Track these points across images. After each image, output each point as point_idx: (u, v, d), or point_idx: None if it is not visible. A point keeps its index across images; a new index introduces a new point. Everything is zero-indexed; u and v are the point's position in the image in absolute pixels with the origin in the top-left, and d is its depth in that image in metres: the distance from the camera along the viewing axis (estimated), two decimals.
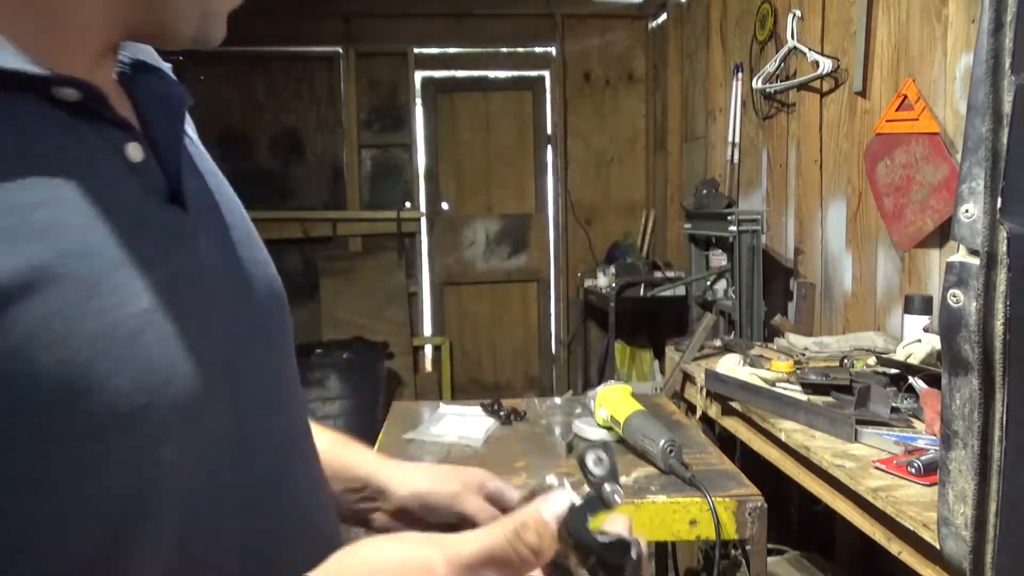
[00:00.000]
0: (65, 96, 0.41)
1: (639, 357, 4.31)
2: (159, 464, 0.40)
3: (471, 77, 4.68)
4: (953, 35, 1.98)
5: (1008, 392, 0.57)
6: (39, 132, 0.40)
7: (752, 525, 1.22)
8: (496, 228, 4.75)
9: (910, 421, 1.49)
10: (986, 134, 0.57)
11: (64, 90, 0.41)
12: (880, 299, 2.34)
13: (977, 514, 0.60)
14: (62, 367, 0.37)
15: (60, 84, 0.41)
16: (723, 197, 3.29)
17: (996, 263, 0.57)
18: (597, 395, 1.53)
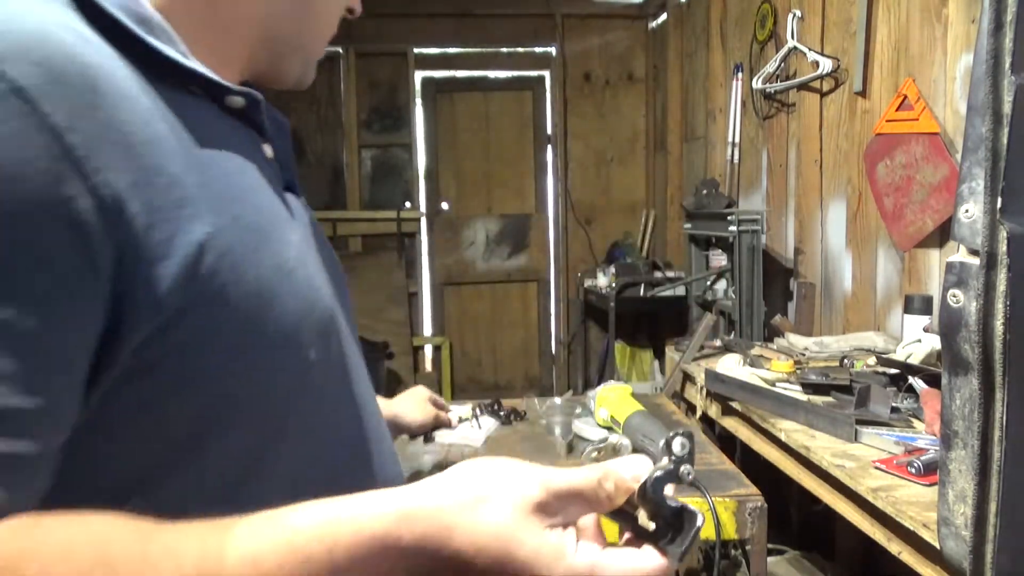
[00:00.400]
0: (233, 103, 0.57)
1: (639, 357, 4.31)
2: (308, 366, 0.56)
3: (471, 77, 4.69)
4: (953, 35, 1.98)
5: (1008, 392, 0.57)
6: (219, 126, 0.56)
7: (752, 525, 1.22)
8: (496, 228, 4.75)
9: (910, 421, 1.49)
10: (986, 134, 0.57)
11: (235, 98, 0.57)
12: (880, 299, 2.34)
13: (977, 514, 0.60)
14: (257, 283, 0.51)
15: (233, 93, 0.57)
16: (723, 197, 3.29)
17: (996, 263, 0.57)
18: (597, 395, 1.53)
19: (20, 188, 0.41)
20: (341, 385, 0.63)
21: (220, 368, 0.50)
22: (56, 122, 0.42)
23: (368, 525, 0.44)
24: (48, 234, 0.42)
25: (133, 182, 0.45)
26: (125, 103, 0.47)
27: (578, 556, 0.45)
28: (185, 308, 0.47)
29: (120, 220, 0.44)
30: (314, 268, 0.60)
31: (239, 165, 0.55)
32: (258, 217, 0.54)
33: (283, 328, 0.53)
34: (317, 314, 0.57)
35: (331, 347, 0.60)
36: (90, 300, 0.44)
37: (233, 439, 0.52)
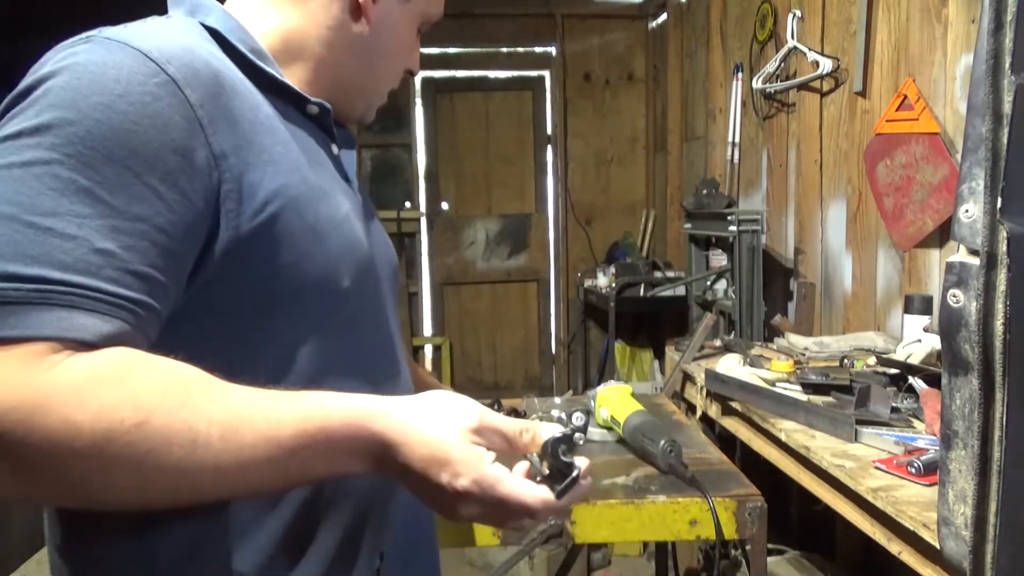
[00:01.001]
0: (311, 110, 0.80)
1: (639, 357, 4.31)
2: (345, 290, 0.75)
3: (471, 77, 4.68)
4: (953, 35, 1.98)
5: (1008, 392, 0.57)
6: (301, 123, 0.79)
7: (752, 525, 1.22)
8: (496, 228, 4.75)
9: (910, 421, 1.49)
10: (986, 134, 0.57)
11: (312, 106, 0.80)
12: (880, 299, 2.34)
13: (977, 514, 0.60)
14: (314, 224, 0.72)
15: (310, 103, 0.80)
16: (723, 197, 3.29)
17: (996, 263, 0.57)
18: (597, 395, 1.53)
19: (169, 135, 0.63)
20: (371, 315, 0.82)
21: (282, 272, 0.70)
22: (193, 101, 0.65)
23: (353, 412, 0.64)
24: (180, 164, 0.63)
25: (236, 145, 0.67)
26: (237, 96, 0.70)
27: (493, 468, 0.66)
28: (262, 227, 0.68)
29: (224, 165, 0.66)
30: (359, 230, 0.80)
31: (309, 148, 0.78)
32: (320, 182, 0.75)
33: (328, 258, 0.73)
34: (356, 256, 0.77)
35: (366, 284, 0.80)
36: (199, 212, 0.64)
37: (282, 329, 0.71)
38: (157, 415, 0.56)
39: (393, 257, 0.94)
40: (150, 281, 0.61)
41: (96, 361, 0.56)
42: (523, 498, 0.66)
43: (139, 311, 0.60)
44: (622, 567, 3.23)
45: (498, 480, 0.65)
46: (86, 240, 0.58)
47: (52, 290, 0.56)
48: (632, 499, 1.23)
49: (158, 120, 0.62)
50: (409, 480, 0.66)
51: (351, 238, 0.77)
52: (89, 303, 0.57)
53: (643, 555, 3.27)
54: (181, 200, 0.63)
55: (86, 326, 0.57)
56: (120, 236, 0.59)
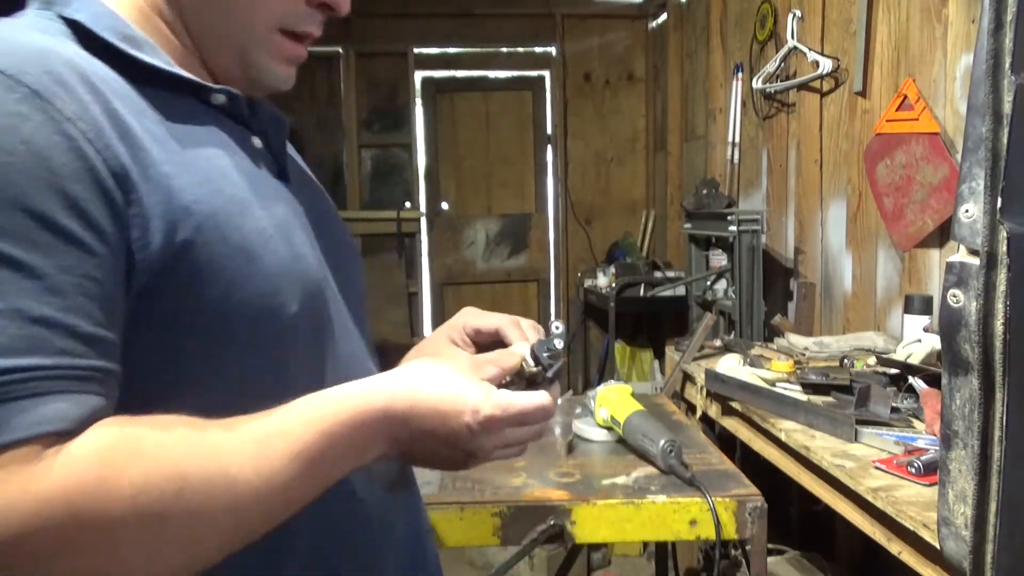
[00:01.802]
0: (216, 100, 0.67)
1: (639, 357, 4.31)
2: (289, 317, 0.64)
3: (471, 77, 4.68)
4: (953, 35, 1.98)
5: (1008, 392, 0.57)
6: (204, 119, 0.66)
7: (752, 525, 1.22)
8: (496, 228, 4.75)
9: (910, 421, 1.49)
10: (986, 134, 0.57)
11: (217, 95, 0.67)
12: (880, 299, 2.34)
13: (977, 514, 0.60)
14: (241, 243, 0.61)
15: (216, 92, 0.67)
16: (723, 197, 3.29)
17: (996, 263, 0.57)
18: (597, 395, 1.53)
19: (56, 159, 0.52)
20: (324, 341, 0.71)
21: (210, 308, 0.59)
22: (68, 114, 0.53)
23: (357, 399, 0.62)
24: (81, 192, 0.53)
25: (132, 157, 0.56)
26: (118, 102, 0.58)
27: (499, 394, 0.66)
28: (174, 263, 0.57)
29: (128, 183, 0.55)
30: (300, 239, 0.69)
31: (221, 149, 0.65)
32: (238, 191, 0.64)
33: (265, 282, 0.62)
34: (299, 272, 0.66)
35: (317, 303, 0.69)
36: (120, 249, 0.55)
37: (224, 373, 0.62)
38: (192, 474, 0.52)
39: (354, 258, 0.85)
40: (101, 341, 0.53)
41: (96, 443, 0.50)
42: (537, 400, 0.67)
43: (102, 377, 0.53)
44: (622, 567, 3.23)
45: (512, 397, 0.66)
46: (17, 312, 0.49)
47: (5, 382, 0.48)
48: (632, 499, 1.23)
49: (35, 144, 0.51)
50: (426, 445, 0.65)
51: (289, 252, 0.66)
52: (50, 384, 0.49)
53: (643, 555, 3.27)
54: (98, 235, 0.53)
55: (59, 414, 0.50)
56: (52, 298, 0.50)
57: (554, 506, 1.22)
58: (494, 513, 1.22)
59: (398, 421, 0.63)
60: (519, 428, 0.68)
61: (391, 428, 0.63)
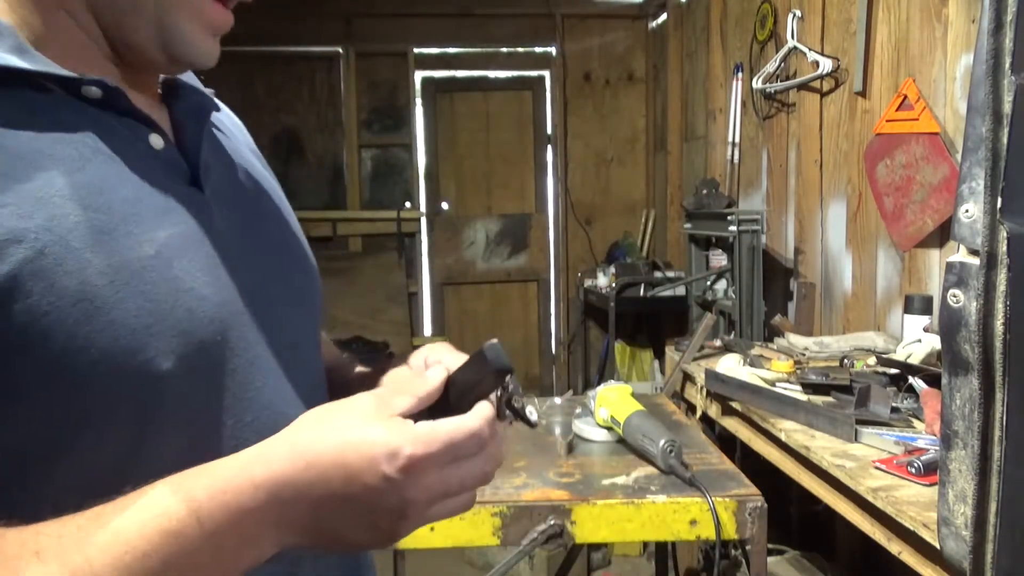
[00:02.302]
0: (91, 94, 0.53)
1: (639, 357, 4.31)
2: (160, 375, 0.50)
3: (471, 77, 4.68)
4: (953, 35, 1.97)
5: (1008, 392, 0.57)
6: (66, 121, 0.51)
7: (752, 525, 1.22)
8: (496, 228, 4.75)
9: (910, 421, 1.49)
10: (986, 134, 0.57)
11: (90, 88, 0.52)
12: (880, 299, 2.34)
13: (977, 514, 0.60)
14: (80, 289, 0.47)
15: (86, 84, 0.52)
16: (723, 197, 3.29)
17: (996, 263, 0.57)
18: (597, 395, 1.53)
19: None
20: (221, 401, 0.56)
21: (39, 395, 0.46)
22: None
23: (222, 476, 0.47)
24: None
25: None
26: None
27: (419, 427, 0.50)
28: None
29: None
30: (193, 270, 0.54)
31: (80, 161, 0.51)
32: (91, 215, 0.49)
33: (117, 339, 0.48)
34: (174, 322, 0.51)
35: (208, 357, 0.54)
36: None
37: (83, 454, 0.49)
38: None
39: (304, 275, 0.68)
40: None
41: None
42: (466, 424, 0.52)
43: None
44: (622, 567, 3.23)
45: (432, 427, 0.51)
46: None
47: None
48: (632, 499, 1.23)
49: None
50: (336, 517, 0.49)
51: (167, 290, 0.51)
52: None
53: (643, 555, 3.27)
54: None
55: None
56: None
57: (554, 506, 1.22)
58: (494, 513, 1.22)
59: (288, 494, 0.47)
60: (455, 466, 0.51)
61: (280, 508, 0.47)
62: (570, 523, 1.22)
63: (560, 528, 1.21)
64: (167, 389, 0.51)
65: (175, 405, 0.52)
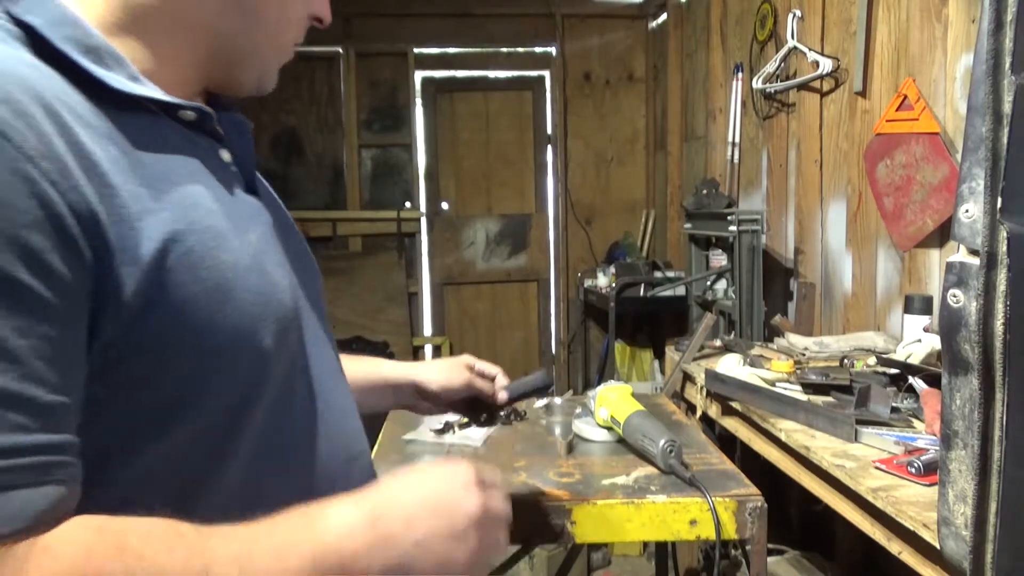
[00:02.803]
0: (185, 116, 0.64)
1: (639, 357, 4.31)
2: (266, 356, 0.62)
3: (471, 77, 4.68)
4: (953, 35, 1.98)
5: (1008, 392, 0.57)
6: (174, 140, 0.62)
7: (752, 525, 1.22)
8: (496, 228, 4.75)
9: (910, 421, 1.49)
10: (986, 134, 0.57)
11: (186, 112, 0.63)
12: (880, 299, 2.34)
13: (977, 514, 0.60)
14: (216, 281, 0.58)
15: (183, 108, 0.63)
16: (723, 197, 3.29)
17: (996, 263, 0.57)
18: (597, 395, 1.53)
19: (15, 205, 0.47)
20: (300, 374, 0.69)
21: (181, 360, 0.56)
22: (29, 152, 0.48)
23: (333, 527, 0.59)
24: (41, 242, 0.48)
25: (100, 196, 0.52)
26: (82, 129, 0.53)
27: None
28: (147, 307, 0.53)
29: (96, 228, 0.51)
30: (273, 264, 0.66)
31: (192, 173, 0.61)
32: (213, 220, 0.60)
33: (240, 321, 0.59)
34: (274, 308, 0.63)
35: (289, 338, 0.66)
36: (83, 300, 0.51)
37: (196, 424, 0.58)
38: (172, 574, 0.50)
39: (312, 265, 0.81)
40: (58, 409, 0.49)
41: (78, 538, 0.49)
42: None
43: (65, 459, 0.50)
44: (622, 567, 3.23)
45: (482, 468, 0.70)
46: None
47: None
48: (632, 499, 1.23)
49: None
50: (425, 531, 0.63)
51: (265, 284, 0.63)
52: (10, 477, 0.47)
53: (643, 555, 3.27)
54: (59, 291, 0.49)
55: (19, 511, 0.47)
56: (7, 366, 0.47)
57: (554, 506, 1.22)
58: None
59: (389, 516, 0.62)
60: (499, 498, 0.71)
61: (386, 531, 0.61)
62: (570, 523, 1.22)
63: (560, 528, 1.21)
64: (268, 362, 0.62)
65: (272, 375, 0.64)
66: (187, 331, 0.56)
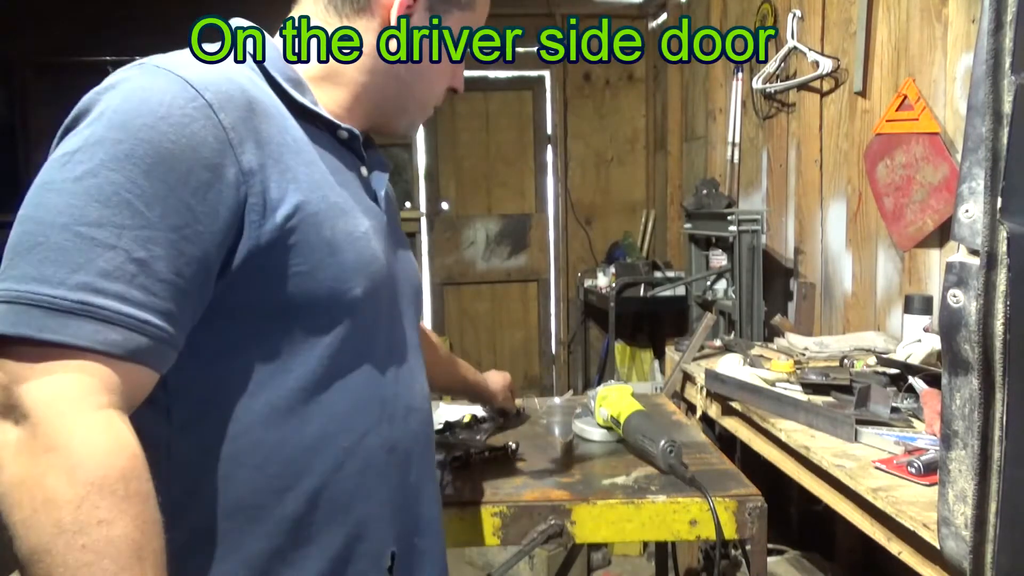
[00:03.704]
0: (341, 135, 0.87)
1: (639, 357, 4.31)
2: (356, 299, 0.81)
3: (471, 77, 4.66)
4: (953, 35, 1.98)
5: (1008, 392, 0.57)
6: (331, 147, 0.86)
7: (752, 525, 1.22)
8: (496, 228, 4.75)
9: (910, 421, 1.49)
10: (986, 134, 0.57)
11: (342, 131, 0.87)
12: (880, 299, 2.34)
13: (977, 514, 0.60)
14: (330, 239, 0.78)
15: (341, 128, 0.87)
16: (723, 197, 3.29)
17: (996, 263, 0.57)
18: (597, 395, 1.53)
19: (202, 153, 0.70)
20: (383, 327, 0.87)
21: (297, 280, 0.76)
22: (225, 124, 0.72)
23: None
24: (210, 179, 0.70)
25: (262, 163, 0.74)
26: (268, 120, 0.77)
27: None
28: (280, 238, 0.74)
29: (251, 181, 0.73)
30: (378, 245, 0.86)
31: (336, 169, 0.85)
32: (341, 201, 0.81)
33: (341, 269, 0.79)
34: (371, 270, 0.83)
35: (380, 296, 0.85)
36: (226, 222, 0.71)
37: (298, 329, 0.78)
38: None
39: (416, 279, 1.01)
40: (176, 288, 0.68)
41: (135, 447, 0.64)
42: None
43: (163, 324, 0.67)
44: (622, 567, 3.23)
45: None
46: (124, 250, 0.65)
47: (92, 303, 0.63)
48: (632, 499, 1.23)
49: (194, 140, 0.69)
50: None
51: (367, 254, 0.83)
52: (122, 319, 0.65)
53: (643, 555, 3.27)
54: (210, 212, 0.70)
55: (117, 342, 0.64)
56: (153, 247, 0.67)
57: (554, 506, 1.22)
58: (494, 513, 1.22)
59: None
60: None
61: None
62: (570, 523, 1.22)
63: (560, 528, 1.21)
64: (357, 308, 0.81)
65: (361, 321, 0.82)
66: (300, 267, 0.75)
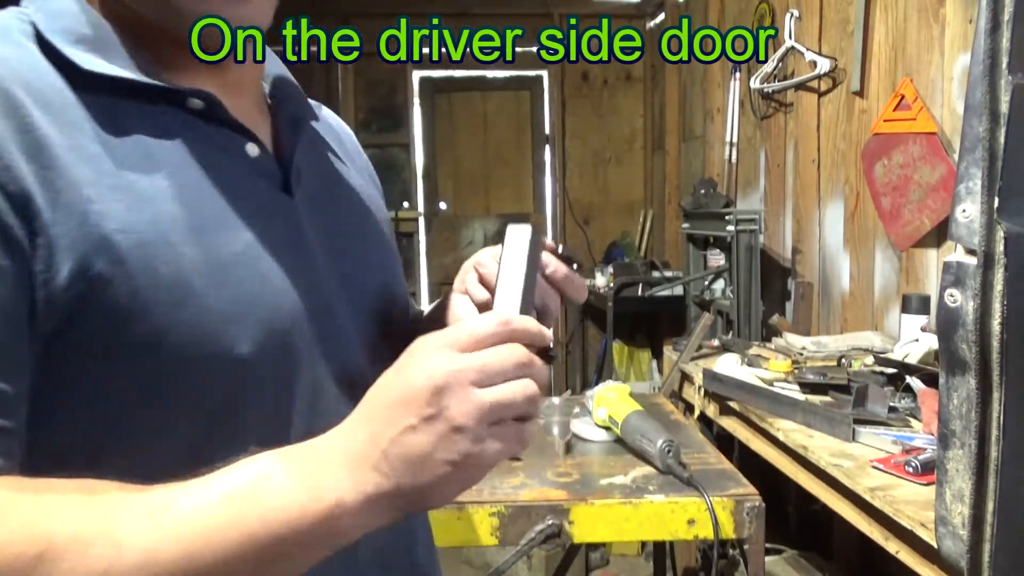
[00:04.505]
0: (194, 105, 0.58)
1: (637, 357, 4.31)
2: (239, 362, 0.55)
3: (469, 77, 4.68)
4: (950, 35, 1.98)
5: (1005, 391, 0.57)
6: (169, 129, 0.57)
7: (750, 525, 1.22)
8: (494, 228, 4.75)
9: (908, 420, 1.50)
10: (983, 134, 0.57)
11: (193, 100, 0.58)
12: (878, 299, 2.35)
13: (974, 513, 0.60)
14: (175, 276, 0.52)
15: (189, 95, 0.58)
16: (721, 197, 3.29)
17: (993, 263, 0.57)
18: (595, 395, 1.53)
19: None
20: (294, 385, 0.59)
21: (136, 359, 0.52)
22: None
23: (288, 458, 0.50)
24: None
25: (40, 179, 0.49)
26: (44, 112, 0.51)
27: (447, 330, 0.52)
28: (86, 294, 0.50)
29: (29, 209, 0.48)
30: (275, 266, 0.59)
31: (179, 166, 0.57)
32: (189, 214, 0.55)
33: (205, 320, 0.54)
34: (264, 309, 0.57)
35: (284, 346, 0.58)
36: (21, 284, 0.48)
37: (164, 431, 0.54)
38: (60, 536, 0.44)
39: (384, 273, 0.75)
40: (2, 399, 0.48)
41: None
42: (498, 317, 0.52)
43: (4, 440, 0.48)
44: (620, 567, 3.23)
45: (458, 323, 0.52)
46: None
47: None
48: (630, 499, 1.23)
49: None
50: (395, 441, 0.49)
51: (251, 285, 0.57)
52: None
53: (641, 555, 3.27)
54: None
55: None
56: None
57: (552, 506, 1.22)
58: (492, 513, 1.22)
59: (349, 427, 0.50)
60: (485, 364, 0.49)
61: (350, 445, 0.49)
62: (568, 523, 1.22)
63: (558, 528, 1.21)
64: (246, 374, 0.55)
65: (251, 392, 0.56)
66: (136, 329, 0.51)
